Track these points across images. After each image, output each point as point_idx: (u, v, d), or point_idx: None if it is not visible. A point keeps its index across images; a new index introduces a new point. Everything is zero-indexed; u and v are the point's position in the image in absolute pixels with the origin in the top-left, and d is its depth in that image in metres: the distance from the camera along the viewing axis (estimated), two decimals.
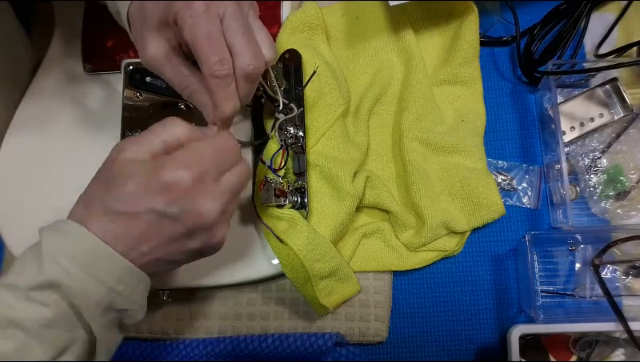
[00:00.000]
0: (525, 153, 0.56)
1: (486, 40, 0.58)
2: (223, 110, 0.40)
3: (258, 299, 0.53)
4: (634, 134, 0.54)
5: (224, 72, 0.38)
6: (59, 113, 0.54)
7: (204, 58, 0.38)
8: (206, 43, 0.38)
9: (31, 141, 0.54)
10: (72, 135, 0.53)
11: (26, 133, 0.54)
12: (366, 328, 0.52)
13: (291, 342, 0.49)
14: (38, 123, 0.54)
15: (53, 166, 0.53)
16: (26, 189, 0.52)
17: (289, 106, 0.49)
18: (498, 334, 0.52)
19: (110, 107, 0.53)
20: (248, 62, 0.39)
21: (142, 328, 0.53)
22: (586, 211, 0.54)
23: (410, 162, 0.52)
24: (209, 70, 0.38)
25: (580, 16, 0.55)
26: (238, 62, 0.39)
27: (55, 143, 0.53)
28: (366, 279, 0.53)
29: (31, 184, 0.53)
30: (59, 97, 0.54)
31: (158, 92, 0.52)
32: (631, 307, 0.50)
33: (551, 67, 0.53)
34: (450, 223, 0.51)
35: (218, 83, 0.39)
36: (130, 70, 0.53)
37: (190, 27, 0.37)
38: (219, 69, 0.38)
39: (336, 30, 0.59)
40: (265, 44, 0.41)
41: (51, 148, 0.53)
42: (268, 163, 0.49)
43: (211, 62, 0.38)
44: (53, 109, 0.54)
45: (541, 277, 0.53)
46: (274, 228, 0.47)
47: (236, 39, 0.39)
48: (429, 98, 0.54)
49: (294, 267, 0.47)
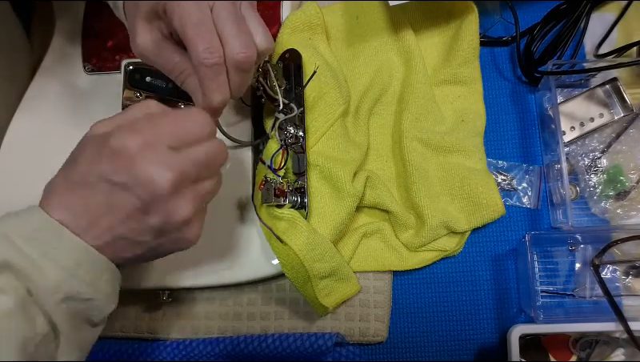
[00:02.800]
0: (525, 153, 0.56)
1: (486, 40, 0.58)
2: (211, 100, 0.39)
3: (257, 299, 0.53)
4: (634, 134, 0.54)
5: (213, 60, 0.37)
6: (59, 113, 0.54)
7: (192, 46, 0.37)
8: (195, 31, 0.37)
9: (31, 141, 0.54)
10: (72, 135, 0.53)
11: (26, 133, 0.54)
12: (366, 328, 0.52)
13: (291, 342, 0.49)
14: (38, 123, 0.54)
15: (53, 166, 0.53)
16: (25, 189, 0.52)
17: (289, 105, 0.49)
18: (498, 334, 0.52)
19: (110, 107, 0.53)
20: (238, 51, 0.38)
21: (142, 328, 0.54)
22: (585, 211, 0.54)
23: (409, 162, 0.52)
24: (197, 58, 0.37)
25: (580, 16, 0.55)
26: (227, 50, 0.38)
27: (55, 143, 0.53)
28: (366, 279, 0.53)
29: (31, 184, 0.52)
30: (59, 97, 0.54)
31: (158, 92, 0.52)
32: (631, 307, 0.50)
33: (551, 67, 0.53)
34: (450, 223, 0.51)
35: (207, 72, 0.38)
36: (130, 70, 0.53)
37: (179, 15, 0.37)
38: (208, 57, 0.37)
39: (336, 30, 0.59)
40: (258, 33, 0.40)
41: (51, 148, 0.53)
42: (268, 163, 0.49)
43: (199, 49, 0.37)
44: (53, 109, 0.54)
45: (541, 277, 0.53)
46: (273, 228, 0.47)
47: (225, 27, 0.38)
48: (429, 98, 0.54)
49: (294, 267, 0.47)
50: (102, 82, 0.54)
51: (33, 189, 0.53)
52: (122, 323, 0.54)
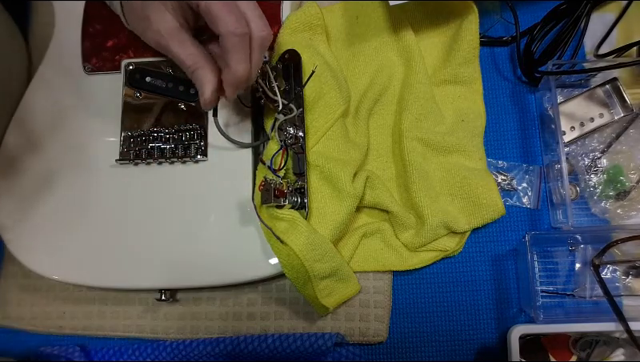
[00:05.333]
0: (525, 153, 0.56)
1: (486, 40, 0.58)
2: (236, 70, 0.41)
3: (257, 299, 0.53)
4: (634, 134, 0.54)
5: (242, 30, 0.40)
6: (59, 113, 0.54)
7: (221, 19, 0.40)
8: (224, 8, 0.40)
9: (31, 141, 0.54)
10: (72, 135, 0.53)
11: (26, 133, 0.54)
12: (366, 328, 0.52)
13: (291, 342, 0.49)
14: (38, 124, 0.54)
15: (52, 166, 0.53)
16: (25, 189, 0.53)
17: (288, 106, 0.49)
18: (498, 334, 0.52)
19: (110, 107, 0.53)
20: (262, 29, 0.41)
21: (144, 328, 0.54)
22: (585, 211, 0.54)
23: (409, 162, 0.52)
24: (227, 28, 0.40)
25: (580, 16, 0.55)
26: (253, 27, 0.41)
27: (55, 143, 0.53)
28: (366, 279, 0.53)
29: (31, 184, 0.53)
30: (59, 97, 0.54)
31: (158, 92, 0.53)
32: (631, 307, 0.50)
33: (551, 67, 0.53)
34: (450, 223, 0.51)
35: (235, 42, 0.40)
36: (130, 70, 0.53)
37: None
38: (238, 26, 0.40)
39: (336, 30, 0.59)
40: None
41: (51, 148, 0.53)
42: (268, 164, 0.49)
43: (229, 20, 0.40)
44: (52, 109, 0.54)
45: (541, 277, 0.53)
46: (274, 228, 0.47)
47: (248, 9, 0.42)
48: (429, 98, 0.54)
49: (294, 267, 0.47)
50: (102, 82, 0.54)
51: (33, 188, 0.53)
52: (123, 323, 0.54)
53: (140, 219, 0.51)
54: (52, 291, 0.56)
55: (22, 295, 0.56)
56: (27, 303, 0.56)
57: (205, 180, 0.51)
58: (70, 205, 0.52)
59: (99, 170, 0.52)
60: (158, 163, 0.52)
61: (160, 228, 0.50)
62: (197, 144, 0.51)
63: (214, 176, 0.51)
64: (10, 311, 0.56)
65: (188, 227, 0.50)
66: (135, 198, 0.51)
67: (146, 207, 0.51)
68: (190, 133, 0.52)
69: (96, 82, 0.54)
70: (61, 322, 0.55)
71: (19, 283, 0.56)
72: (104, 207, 0.51)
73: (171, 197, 0.51)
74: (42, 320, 0.55)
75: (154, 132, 0.52)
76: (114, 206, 0.51)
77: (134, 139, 0.52)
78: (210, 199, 0.50)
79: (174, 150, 0.51)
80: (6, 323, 0.56)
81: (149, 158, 0.51)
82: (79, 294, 0.55)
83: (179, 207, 0.50)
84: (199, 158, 0.51)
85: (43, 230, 0.51)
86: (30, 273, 0.52)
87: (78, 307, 0.55)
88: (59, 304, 0.55)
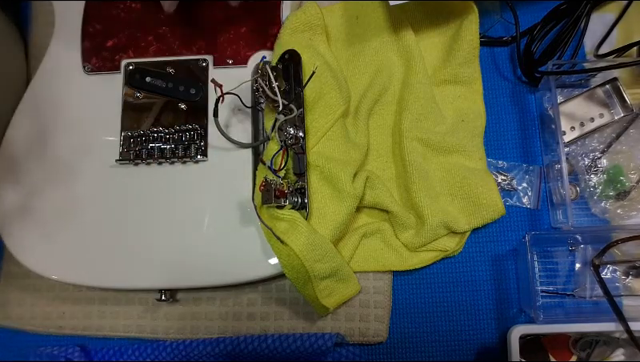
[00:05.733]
0: (525, 153, 0.56)
1: (486, 40, 0.58)
2: None
3: (257, 299, 0.53)
4: (634, 134, 0.54)
5: None
6: (59, 113, 0.54)
7: None
8: None
9: (31, 141, 0.54)
10: (72, 135, 0.53)
11: (26, 133, 0.54)
12: (366, 329, 0.52)
13: (291, 342, 0.49)
14: (38, 123, 0.54)
15: (52, 166, 0.53)
16: (25, 189, 0.52)
17: (289, 106, 0.49)
18: (498, 334, 0.52)
19: (110, 107, 0.53)
20: None
21: (144, 328, 0.54)
22: (585, 211, 0.54)
23: (409, 162, 0.52)
24: None
25: (580, 16, 0.55)
26: None
27: (55, 144, 0.53)
28: (366, 279, 0.53)
29: (31, 184, 0.53)
30: (59, 97, 0.54)
31: (158, 92, 0.53)
32: (631, 307, 0.50)
33: (551, 67, 0.53)
34: (450, 223, 0.51)
35: None
36: (130, 70, 0.53)
37: None
38: None
39: (336, 30, 0.59)
40: None
41: (51, 148, 0.53)
42: (268, 164, 0.49)
43: None
44: (52, 109, 0.54)
45: (541, 277, 0.53)
46: (274, 229, 0.47)
47: None
48: (429, 98, 0.54)
49: (295, 267, 0.47)
50: (101, 82, 0.54)
51: (33, 189, 0.53)
52: (123, 323, 0.54)
53: (140, 219, 0.51)
54: (52, 291, 0.56)
55: (22, 295, 0.56)
56: (27, 303, 0.56)
57: (205, 180, 0.51)
58: (70, 205, 0.52)
59: (99, 170, 0.52)
60: (158, 163, 0.52)
61: (160, 228, 0.50)
62: (197, 144, 0.51)
63: (214, 176, 0.51)
64: (10, 311, 0.56)
65: (188, 228, 0.50)
66: (135, 198, 0.51)
67: (146, 207, 0.51)
68: (190, 133, 0.52)
69: (96, 82, 0.54)
70: (60, 322, 0.55)
71: (19, 283, 0.56)
72: (104, 207, 0.51)
73: (171, 197, 0.51)
74: (41, 320, 0.55)
75: (154, 132, 0.52)
76: (114, 206, 0.51)
77: (134, 139, 0.52)
78: (210, 199, 0.50)
79: (174, 151, 0.51)
80: (6, 323, 0.56)
81: (149, 158, 0.51)
82: (79, 294, 0.55)
83: (179, 207, 0.51)
84: (199, 159, 0.51)
85: (43, 230, 0.51)
86: (29, 273, 0.52)
87: (77, 307, 0.55)
88: (59, 304, 0.55)
